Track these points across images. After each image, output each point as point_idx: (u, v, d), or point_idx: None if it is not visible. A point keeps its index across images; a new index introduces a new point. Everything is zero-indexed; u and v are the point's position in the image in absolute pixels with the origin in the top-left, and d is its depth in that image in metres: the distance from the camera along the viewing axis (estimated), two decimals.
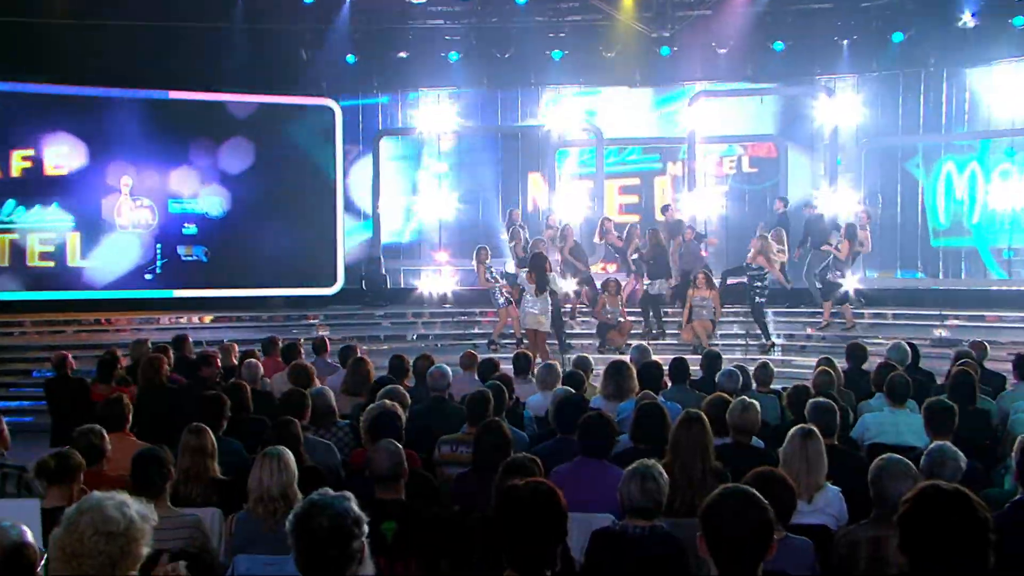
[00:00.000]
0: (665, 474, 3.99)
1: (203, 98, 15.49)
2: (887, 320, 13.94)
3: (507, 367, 8.26)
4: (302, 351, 9.00)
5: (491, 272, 13.35)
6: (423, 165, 17.68)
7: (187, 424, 4.93)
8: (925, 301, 13.76)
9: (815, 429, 4.62)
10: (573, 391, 6.36)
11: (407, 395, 6.85)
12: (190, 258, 15.49)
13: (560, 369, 7.58)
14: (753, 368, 7.64)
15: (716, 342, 12.70)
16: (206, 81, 15.35)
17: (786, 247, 13.87)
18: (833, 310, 13.52)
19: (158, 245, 15.29)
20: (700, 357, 8.29)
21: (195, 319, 14.83)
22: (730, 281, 13.79)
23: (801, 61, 16.10)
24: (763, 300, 13.13)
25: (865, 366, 8.14)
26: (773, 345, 12.97)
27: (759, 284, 13.10)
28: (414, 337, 14.73)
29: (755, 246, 13.26)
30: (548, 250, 13.00)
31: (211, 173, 15.57)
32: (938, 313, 12.94)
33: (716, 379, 7.15)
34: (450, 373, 7.37)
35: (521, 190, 17.55)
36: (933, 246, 15.48)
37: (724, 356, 8.65)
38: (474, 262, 13.66)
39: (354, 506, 2.73)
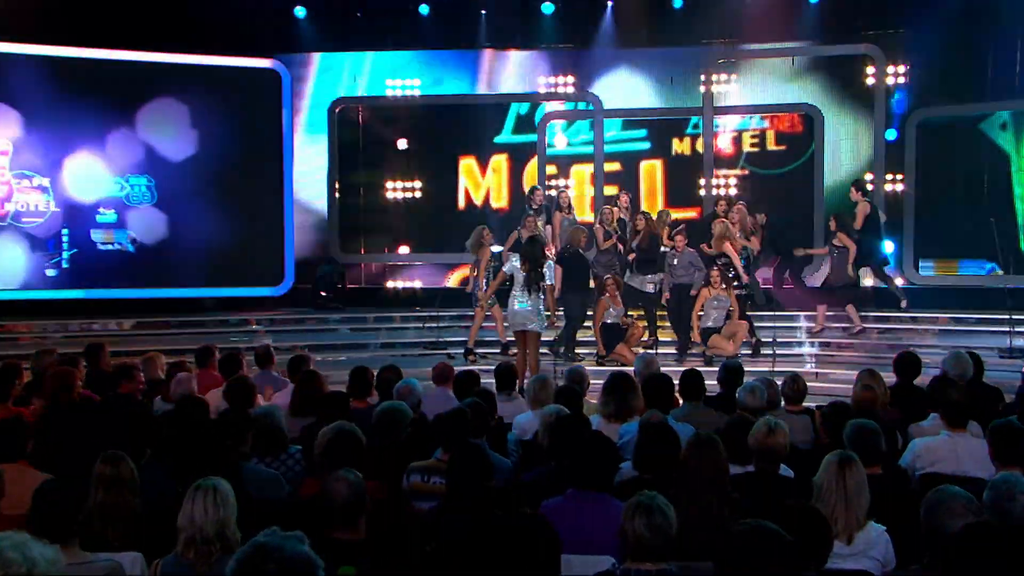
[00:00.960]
0: (673, 508, 4.01)
1: (121, 57, 15.36)
2: (945, 325, 14.11)
3: (488, 380, 8.29)
4: (244, 363, 8.97)
5: (492, 263, 13.54)
6: (388, 140, 17.69)
7: (102, 450, 4.90)
8: (993, 302, 13.74)
9: (855, 456, 4.64)
10: (567, 410, 6.38)
11: (417, 391, 6.90)
12: (109, 247, 15.37)
13: (553, 384, 7.60)
14: (781, 382, 7.66)
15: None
16: (124, 37, 15.26)
17: (758, 231, 13.97)
18: (828, 312, 13.99)
19: (64, 231, 15.17)
20: (717, 370, 8.30)
21: (113, 325, 14.80)
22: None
23: (843, 15, 16.24)
24: (741, 294, 13.28)
25: (917, 380, 8.14)
26: (760, 344, 13.10)
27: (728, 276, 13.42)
28: (378, 345, 14.75)
29: (716, 230, 13.54)
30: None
31: (132, 149, 15.49)
32: (1008, 317, 12.78)
33: (737, 396, 7.18)
34: (420, 388, 7.37)
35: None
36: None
37: (746, 368, 8.69)
38: (470, 244, 13.67)
39: (307, 549, 2.73)
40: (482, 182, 17.74)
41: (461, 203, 17.63)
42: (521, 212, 14.71)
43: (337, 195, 17.18)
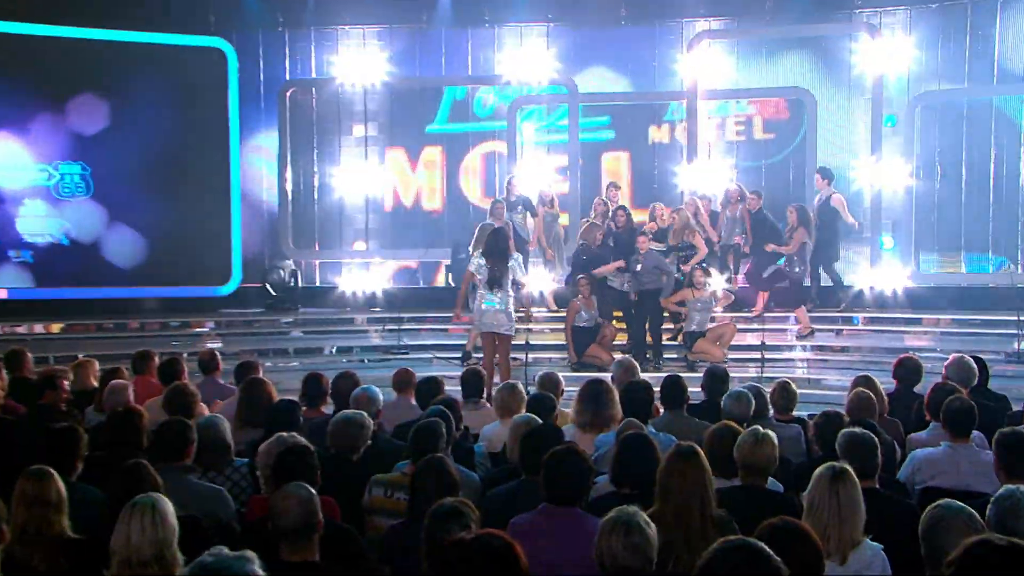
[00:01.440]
0: (653, 525, 4.03)
1: (52, 33, 15.21)
2: (948, 327, 14.28)
3: (453, 388, 8.30)
4: (185, 369, 8.93)
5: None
6: (345, 127, 17.66)
7: (25, 466, 4.84)
8: (1000, 302, 13.92)
9: (849, 469, 4.67)
10: (538, 419, 6.39)
11: (376, 399, 6.90)
12: (38, 241, 15.23)
13: (524, 391, 7.61)
14: (770, 390, 7.72)
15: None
16: (53, 12, 15.13)
17: (709, 227, 14.12)
18: (813, 313, 14.23)
19: None
20: (701, 376, 8.35)
21: (38, 328, 14.66)
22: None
23: None
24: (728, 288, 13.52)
25: (918, 387, 8.22)
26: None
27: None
28: (333, 351, 14.72)
29: (678, 221, 13.92)
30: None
31: (60, 134, 15.34)
32: (1016, 319, 12.93)
33: (722, 403, 7.22)
34: (380, 397, 7.37)
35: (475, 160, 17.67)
36: None
37: (732, 374, 8.73)
38: (473, 245, 13.65)
39: (257, 570, 2.72)
40: (412, 177, 17.83)
41: (388, 204, 17.73)
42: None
43: (289, 186, 17.11)
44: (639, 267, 13.16)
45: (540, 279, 14.30)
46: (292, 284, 16.30)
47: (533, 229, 14.89)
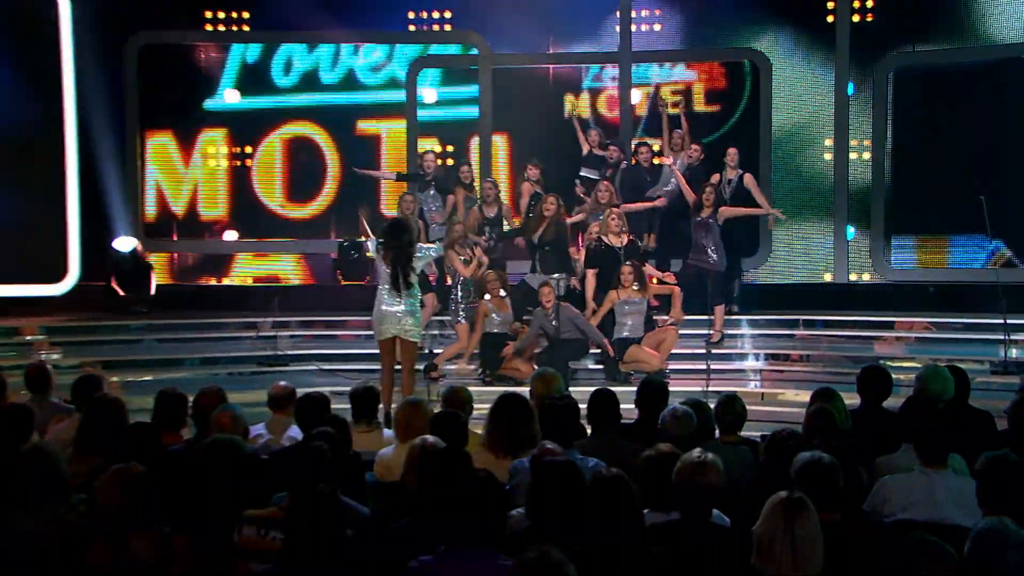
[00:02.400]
0: (574, 567, 4.03)
1: None
2: (924, 331, 14.57)
3: (340, 407, 8.27)
4: (6, 385, 8.79)
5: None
6: (208, 91, 17.56)
7: None
8: (986, 303, 14.05)
9: (806, 498, 4.74)
10: (443, 442, 6.39)
11: (241, 420, 6.84)
12: None
13: (428, 409, 7.61)
14: (715, 405, 7.78)
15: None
16: None
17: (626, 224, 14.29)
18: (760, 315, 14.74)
19: None
20: (635, 389, 8.39)
21: None
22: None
23: None
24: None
25: (887, 402, 8.28)
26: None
27: None
28: (196, 362, 14.56)
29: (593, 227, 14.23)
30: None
31: None
32: (1003, 322, 13.07)
33: (659, 421, 7.28)
34: (245, 416, 7.31)
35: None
36: None
37: (672, 388, 8.79)
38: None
39: None
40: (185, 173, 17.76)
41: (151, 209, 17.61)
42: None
43: (141, 162, 16.90)
44: (552, 324, 13.09)
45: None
46: (144, 282, 16.10)
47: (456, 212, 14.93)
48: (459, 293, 13.87)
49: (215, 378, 13.07)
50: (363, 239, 12.56)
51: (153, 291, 16.38)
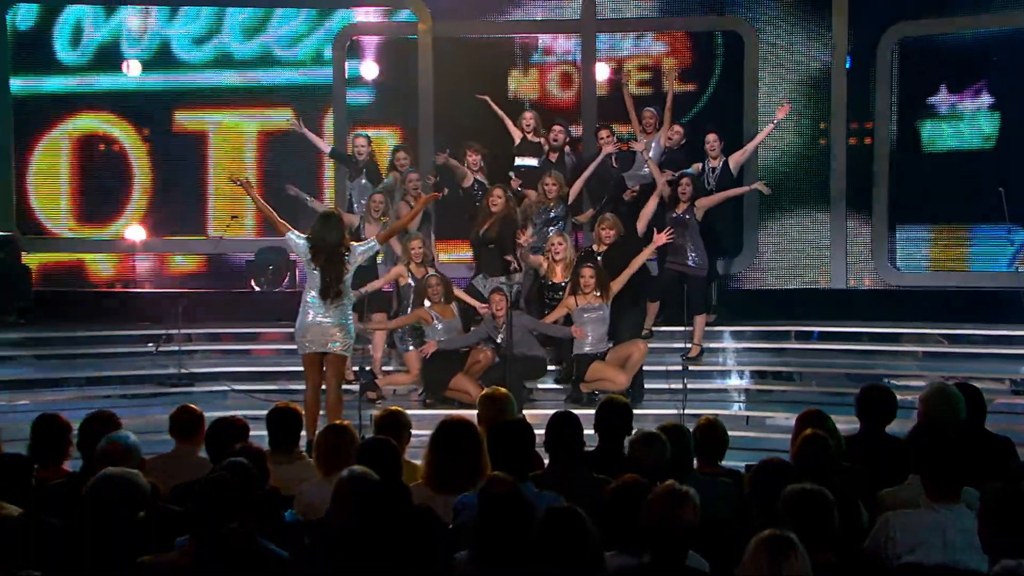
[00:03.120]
0: None
1: None
2: (936, 345, 14.69)
3: (259, 434, 8.19)
4: None
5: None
6: (104, 60, 17.57)
7: None
8: (1009, 314, 14.19)
9: (794, 537, 4.75)
10: (375, 474, 6.34)
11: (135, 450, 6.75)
12: None
13: (357, 435, 7.57)
14: (693, 429, 7.78)
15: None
16: None
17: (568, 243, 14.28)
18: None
19: None
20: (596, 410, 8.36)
21: None
22: None
23: None
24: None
25: (892, 427, 8.31)
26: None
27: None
28: (82, 382, 14.43)
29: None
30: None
31: None
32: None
33: (626, 449, 7.26)
34: (138, 445, 7.22)
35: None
36: None
37: (643, 411, 8.80)
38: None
39: None
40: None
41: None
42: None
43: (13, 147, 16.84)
44: (501, 337, 13.14)
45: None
46: (23, 289, 15.95)
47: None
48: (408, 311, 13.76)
49: (105, 402, 12.94)
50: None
51: (30, 299, 16.24)
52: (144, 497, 6.14)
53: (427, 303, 13.33)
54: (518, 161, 15.47)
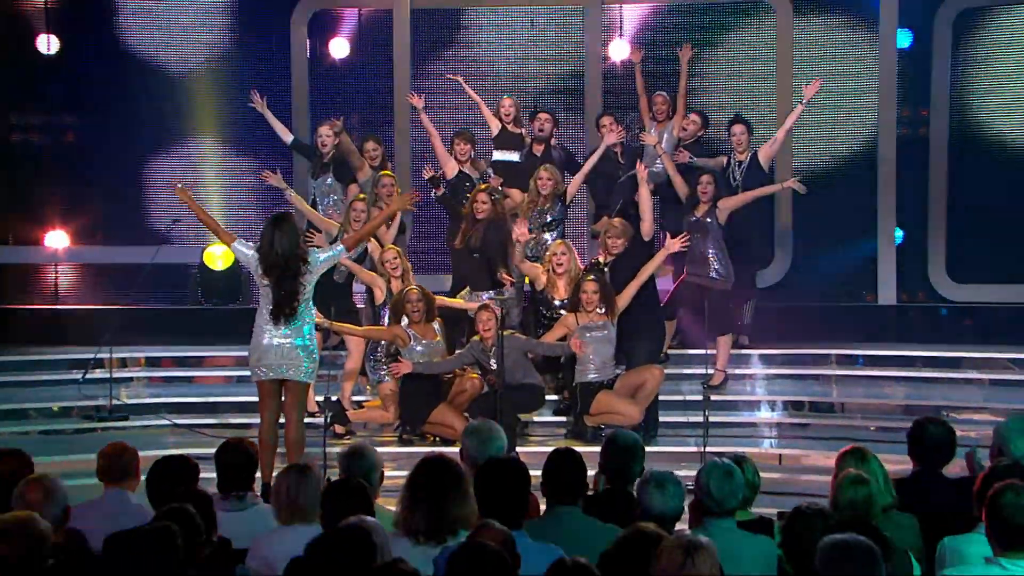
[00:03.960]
0: None
1: None
2: (1004, 372, 14.72)
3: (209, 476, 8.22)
4: None
5: None
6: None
7: None
8: None
9: None
10: (345, 525, 6.36)
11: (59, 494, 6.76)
12: None
13: (322, 476, 7.57)
14: (708, 465, 7.76)
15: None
16: None
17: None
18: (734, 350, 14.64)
19: None
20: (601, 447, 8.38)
21: None
22: None
23: None
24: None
25: (949, 468, 8.32)
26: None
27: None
28: None
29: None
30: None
31: None
32: None
33: (635, 492, 7.28)
34: (65, 490, 7.23)
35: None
36: None
37: (656, 449, 8.81)
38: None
39: None
40: None
41: None
42: None
43: None
44: (492, 362, 13.07)
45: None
46: None
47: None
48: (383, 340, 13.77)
49: (22, 440, 12.93)
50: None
51: None
52: (48, 546, 6.14)
53: (405, 321, 13.30)
54: (496, 155, 15.53)
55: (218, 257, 16.40)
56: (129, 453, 8.35)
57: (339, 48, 17.86)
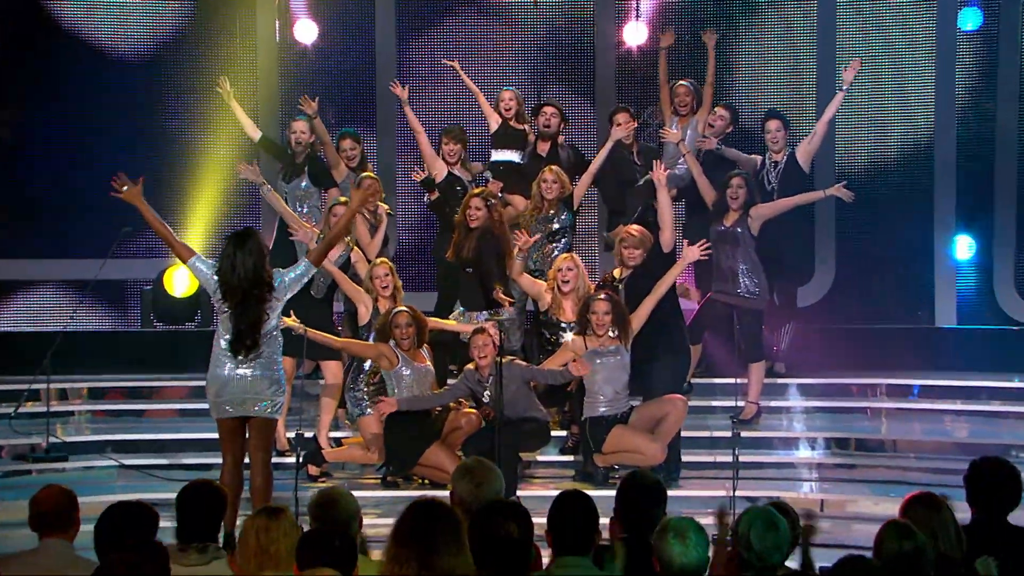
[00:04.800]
0: None
1: None
2: None
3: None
4: None
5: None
6: None
7: None
8: None
9: None
10: None
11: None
12: None
13: (295, 525, 7.62)
14: (748, 514, 7.81)
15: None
16: None
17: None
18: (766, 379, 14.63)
19: None
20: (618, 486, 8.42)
21: None
22: None
23: None
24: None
25: (1017, 515, 8.35)
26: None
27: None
28: None
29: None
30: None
31: None
32: None
33: (653, 540, 7.33)
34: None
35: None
36: None
37: (679, 493, 8.85)
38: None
39: None
40: None
41: None
42: None
43: None
44: (485, 395, 13.18)
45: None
46: None
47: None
48: (365, 365, 13.81)
49: None
50: None
51: None
52: None
53: (392, 343, 13.26)
54: (495, 155, 15.57)
55: (182, 282, 16.36)
56: (67, 499, 8.34)
57: (305, 31, 17.73)
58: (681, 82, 15.39)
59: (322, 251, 11.88)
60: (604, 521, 7.65)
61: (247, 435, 11.40)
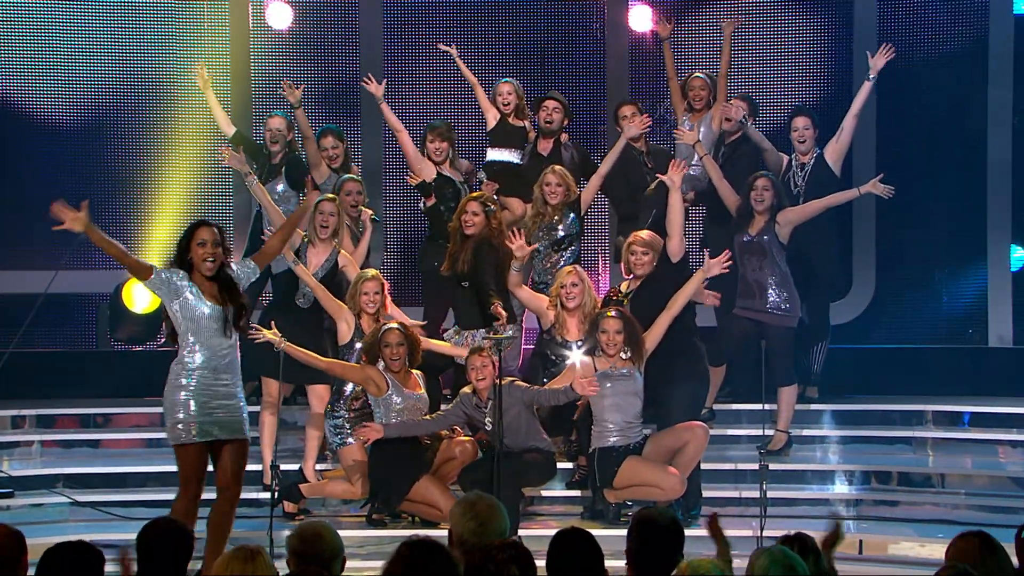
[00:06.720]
0: None
1: None
2: None
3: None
4: None
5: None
6: None
7: None
8: None
9: None
10: None
11: None
12: None
13: (270, 564, 7.64)
14: (762, 558, 7.80)
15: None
16: None
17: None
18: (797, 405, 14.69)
19: None
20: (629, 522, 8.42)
21: None
22: None
23: None
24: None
25: None
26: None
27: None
28: None
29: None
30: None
31: None
32: None
33: None
34: None
35: None
36: None
37: (697, 532, 8.84)
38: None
39: None
40: None
41: None
42: None
43: None
44: (487, 421, 13.09)
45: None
46: None
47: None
48: (347, 388, 13.79)
49: None
50: None
51: None
52: None
53: (381, 365, 13.27)
54: (491, 154, 15.58)
55: (143, 297, 16.34)
56: (15, 540, 8.35)
57: (278, 15, 17.81)
58: (696, 74, 15.42)
59: (262, 256, 11.99)
60: (613, 564, 7.69)
61: (220, 462, 11.27)
